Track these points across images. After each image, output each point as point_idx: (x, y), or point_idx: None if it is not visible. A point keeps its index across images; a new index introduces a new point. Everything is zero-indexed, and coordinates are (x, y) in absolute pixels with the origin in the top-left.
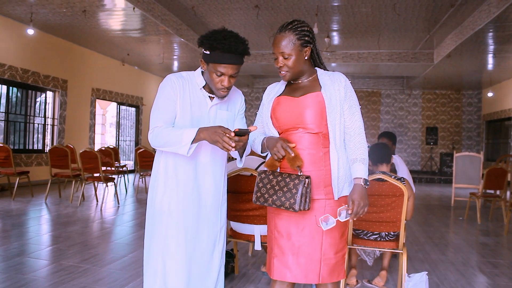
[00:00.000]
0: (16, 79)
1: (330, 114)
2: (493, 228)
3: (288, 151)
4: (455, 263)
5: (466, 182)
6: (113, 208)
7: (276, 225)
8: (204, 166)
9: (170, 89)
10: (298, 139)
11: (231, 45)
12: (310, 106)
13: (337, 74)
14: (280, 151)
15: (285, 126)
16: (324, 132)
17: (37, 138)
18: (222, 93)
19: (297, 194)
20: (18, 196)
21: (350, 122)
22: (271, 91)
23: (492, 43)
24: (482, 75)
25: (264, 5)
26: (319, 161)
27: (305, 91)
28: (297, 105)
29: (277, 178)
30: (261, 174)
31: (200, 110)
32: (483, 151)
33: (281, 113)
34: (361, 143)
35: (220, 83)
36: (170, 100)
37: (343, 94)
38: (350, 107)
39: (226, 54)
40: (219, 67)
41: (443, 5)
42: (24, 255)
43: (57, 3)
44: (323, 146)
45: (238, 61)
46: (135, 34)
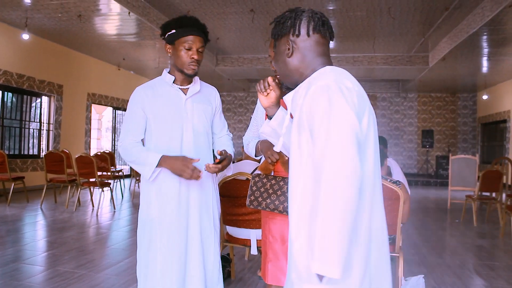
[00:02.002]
0: (11, 84)
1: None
2: (489, 231)
3: (282, 154)
4: (452, 266)
5: (462, 185)
6: (109, 213)
7: (271, 229)
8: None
9: (135, 103)
10: None
11: (193, 20)
12: None
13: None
14: (274, 154)
15: None
16: None
17: (32, 143)
18: (192, 67)
19: None
20: (13, 202)
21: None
22: None
23: (487, 46)
24: (477, 78)
25: (259, 9)
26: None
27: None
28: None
29: (271, 182)
30: (255, 178)
31: (176, 106)
32: (479, 154)
33: None
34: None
35: (189, 57)
36: (135, 114)
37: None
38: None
39: (191, 28)
40: (186, 40)
41: (437, 9)
42: (20, 261)
43: (52, 8)
44: None
45: (202, 35)
46: (130, 38)
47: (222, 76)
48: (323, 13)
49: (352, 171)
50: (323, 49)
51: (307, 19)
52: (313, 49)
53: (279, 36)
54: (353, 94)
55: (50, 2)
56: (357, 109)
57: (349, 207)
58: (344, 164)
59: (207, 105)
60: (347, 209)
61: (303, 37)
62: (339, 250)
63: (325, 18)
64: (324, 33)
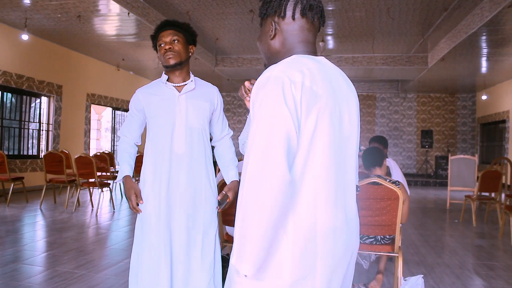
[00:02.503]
0: (10, 85)
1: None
2: (489, 231)
3: None
4: (451, 266)
5: (461, 185)
6: (108, 214)
7: None
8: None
9: (133, 105)
10: None
11: (163, 22)
12: None
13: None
14: None
15: None
16: None
17: (31, 143)
18: (168, 58)
19: None
20: (12, 202)
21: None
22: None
23: (486, 47)
24: (476, 78)
25: (259, 9)
26: None
27: None
28: None
29: None
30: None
31: (168, 102)
32: (478, 154)
33: None
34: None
35: (163, 50)
36: (131, 114)
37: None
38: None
39: (160, 27)
40: (159, 38)
41: (436, 9)
42: (19, 261)
43: (51, 9)
44: None
45: (171, 27)
46: (130, 39)
47: (221, 76)
48: None
49: (272, 174)
50: (308, 36)
51: (294, 1)
52: (296, 34)
53: (265, 15)
54: (298, 89)
55: (49, 3)
56: (300, 107)
57: (265, 210)
58: (264, 167)
59: (204, 102)
60: (263, 212)
61: (287, 20)
62: (251, 250)
63: (314, 1)
64: (312, 18)
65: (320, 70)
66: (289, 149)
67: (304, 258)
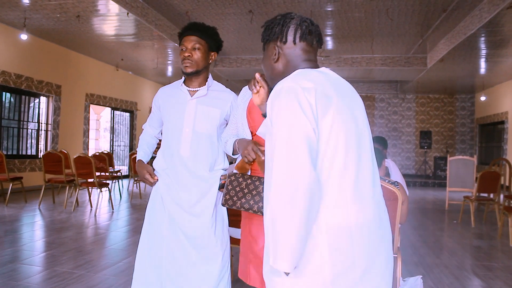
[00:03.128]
0: (9, 85)
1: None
2: (487, 232)
3: (259, 154)
4: (450, 267)
5: (460, 186)
6: (107, 214)
7: (251, 230)
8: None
9: (153, 102)
10: None
11: (191, 24)
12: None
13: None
14: (250, 153)
15: (256, 128)
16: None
17: (30, 143)
18: (185, 66)
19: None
20: (11, 202)
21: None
22: (247, 91)
23: (484, 48)
24: (475, 79)
25: (258, 10)
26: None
27: None
28: None
29: (246, 181)
30: (231, 177)
31: (180, 106)
32: (477, 155)
33: (257, 113)
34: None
35: (182, 55)
36: (153, 112)
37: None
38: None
39: (184, 30)
40: (182, 41)
41: (435, 10)
42: (17, 261)
43: (50, 8)
44: None
45: (196, 33)
46: (129, 39)
47: (220, 77)
48: (312, 20)
49: (298, 173)
50: (309, 56)
51: (295, 27)
52: (299, 56)
53: (267, 41)
54: (311, 94)
55: (48, 3)
56: (316, 109)
57: (295, 209)
58: (289, 168)
59: (215, 108)
60: (294, 210)
61: (289, 44)
62: (286, 248)
63: (312, 27)
64: (311, 41)
65: (326, 78)
66: (310, 149)
67: (342, 253)
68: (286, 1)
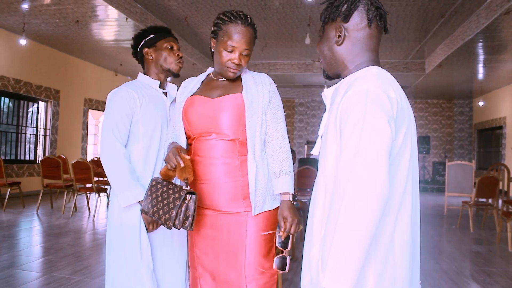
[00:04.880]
0: (8, 89)
1: (250, 119)
2: (486, 237)
3: (177, 160)
4: (449, 272)
5: (458, 191)
6: (105, 219)
7: (197, 242)
8: None
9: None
10: (211, 146)
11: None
12: (227, 109)
13: (262, 76)
14: (171, 159)
15: (197, 130)
16: (241, 139)
17: (29, 148)
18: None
19: (173, 209)
20: (9, 207)
21: (272, 130)
22: (185, 88)
23: (482, 53)
24: (473, 85)
25: (256, 15)
26: (235, 171)
27: (224, 92)
28: (212, 107)
29: (163, 189)
30: (151, 182)
31: (161, 110)
32: (475, 160)
33: (194, 115)
34: (286, 154)
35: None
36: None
37: (267, 98)
38: (274, 114)
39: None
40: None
41: (433, 16)
42: (15, 267)
43: (50, 14)
44: (239, 155)
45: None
46: (128, 44)
47: None
48: (379, 1)
49: (378, 191)
50: (375, 44)
51: (365, 7)
52: (365, 42)
53: (331, 20)
54: (394, 105)
55: (47, 8)
56: (396, 122)
57: (368, 228)
58: (371, 184)
59: None
60: (366, 231)
61: (357, 26)
62: (351, 271)
63: (382, 10)
64: (380, 26)
65: (398, 85)
66: (389, 164)
67: (407, 270)
68: (285, 6)
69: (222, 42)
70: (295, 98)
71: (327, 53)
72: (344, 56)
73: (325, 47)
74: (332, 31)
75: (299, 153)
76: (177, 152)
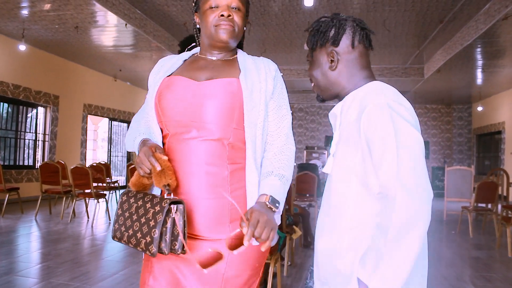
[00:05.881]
0: (7, 95)
1: (250, 113)
2: (486, 242)
3: (152, 162)
4: (448, 278)
5: (458, 196)
6: (104, 225)
7: (153, 269)
8: None
9: None
10: (190, 147)
11: None
12: (216, 97)
13: (266, 60)
14: (144, 163)
15: (173, 123)
16: (231, 141)
17: (27, 154)
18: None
19: (155, 228)
20: (7, 213)
21: (274, 129)
22: (162, 67)
23: (481, 58)
24: (472, 90)
25: (255, 21)
26: (223, 184)
27: (215, 74)
28: (197, 93)
29: (138, 203)
30: (123, 196)
31: None
32: (474, 165)
33: (170, 101)
34: (287, 159)
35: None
36: None
37: (271, 88)
38: (278, 109)
39: None
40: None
41: (432, 21)
42: (13, 273)
43: (49, 19)
44: (230, 162)
45: None
46: (127, 50)
47: None
48: (363, 21)
49: (427, 197)
50: (366, 61)
51: (352, 29)
52: (357, 62)
53: (319, 46)
54: (411, 114)
55: (47, 14)
56: (416, 128)
57: (422, 234)
58: (420, 191)
59: None
60: (420, 236)
61: (347, 49)
62: (399, 274)
63: (367, 29)
64: (368, 44)
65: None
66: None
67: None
68: (284, 12)
69: (204, 4)
70: (294, 104)
71: (321, 79)
72: (340, 79)
73: (318, 73)
74: (323, 57)
75: (298, 158)
76: (151, 152)
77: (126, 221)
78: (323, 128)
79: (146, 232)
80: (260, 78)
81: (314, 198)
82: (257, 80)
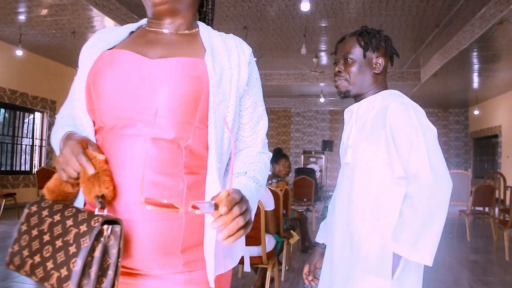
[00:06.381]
0: (4, 100)
1: (217, 106)
2: (483, 246)
3: (82, 162)
4: (446, 282)
5: (455, 200)
6: None
7: None
8: None
9: None
10: (133, 147)
11: None
12: (175, 82)
13: (237, 39)
14: (71, 164)
15: (111, 113)
16: (191, 143)
17: (24, 159)
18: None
19: (76, 257)
20: (4, 219)
21: (250, 133)
22: (99, 40)
23: (477, 62)
24: (468, 94)
25: (252, 26)
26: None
27: (170, 51)
28: (148, 74)
29: (54, 217)
30: (31, 206)
31: None
32: (471, 169)
33: (109, 83)
34: (264, 166)
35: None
36: None
37: (245, 77)
38: (254, 106)
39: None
40: None
41: (428, 26)
42: (9, 279)
43: (46, 25)
44: (187, 171)
45: None
46: None
47: None
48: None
49: (450, 182)
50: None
51: (389, 43)
52: (385, 71)
53: (374, 49)
54: (425, 115)
55: (44, 19)
56: None
57: (445, 211)
58: (445, 174)
59: None
60: (444, 214)
61: (385, 58)
62: (434, 245)
63: (395, 51)
64: (391, 63)
65: None
66: None
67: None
68: (280, 17)
69: None
70: (291, 108)
71: (361, 76)
72: (373, 81)
73: (361, 71)
74: (373, 59)
75: (296, 163)
76: (81, 149)
77: (32, 243)
78: (320, 133)
79: (61, 262)
80: (231, 62)
81: (311, 203)
82: (227, 65)
